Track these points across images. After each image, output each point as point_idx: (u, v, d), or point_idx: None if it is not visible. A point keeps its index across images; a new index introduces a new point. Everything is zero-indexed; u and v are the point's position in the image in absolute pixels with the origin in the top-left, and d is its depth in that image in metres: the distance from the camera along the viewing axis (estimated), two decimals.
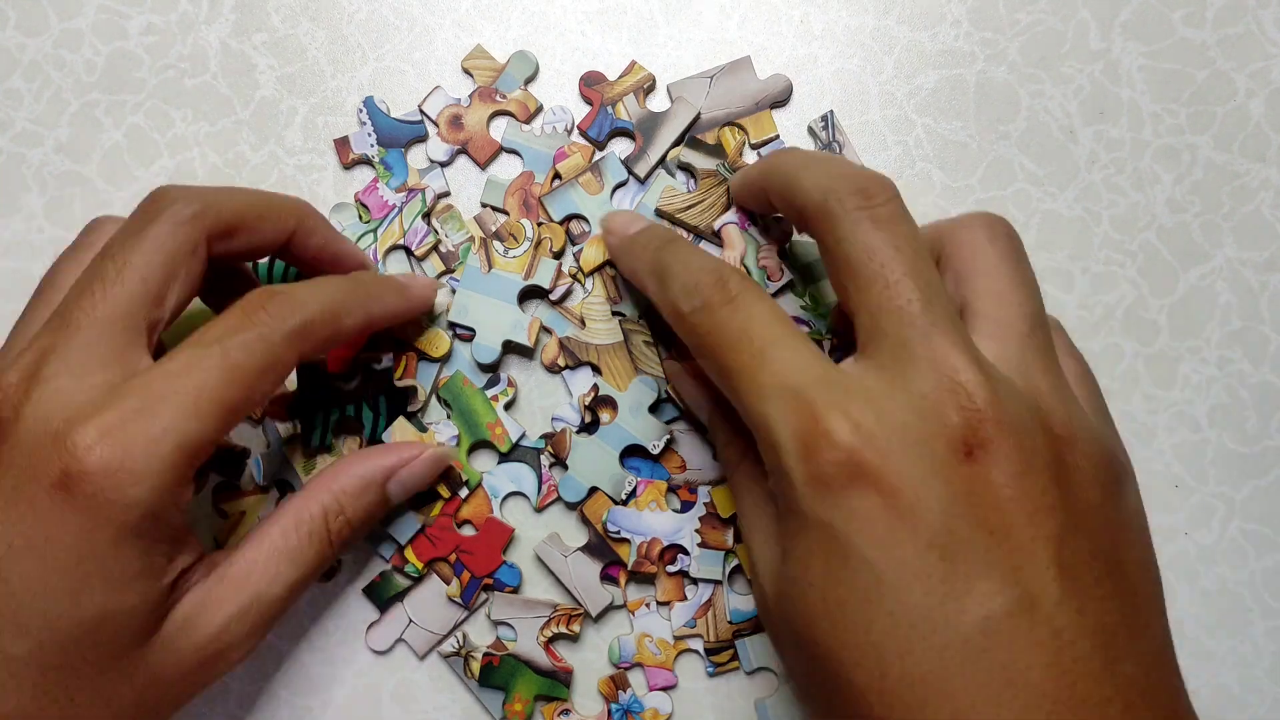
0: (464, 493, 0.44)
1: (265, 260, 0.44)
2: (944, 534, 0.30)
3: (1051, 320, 0.37)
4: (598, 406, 0.44)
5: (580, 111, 0.46)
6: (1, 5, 0.47)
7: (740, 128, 0.46)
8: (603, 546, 0.44)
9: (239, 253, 0.39)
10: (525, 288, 0.44)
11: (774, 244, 0.44)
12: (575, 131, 0.46)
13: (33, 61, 0.47)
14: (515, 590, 0.44)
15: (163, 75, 0.47)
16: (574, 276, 0.45)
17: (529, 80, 0.46)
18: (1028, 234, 0.46)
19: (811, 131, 0.46)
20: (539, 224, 0.45)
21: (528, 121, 0.46)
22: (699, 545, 0.43)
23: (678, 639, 0.43)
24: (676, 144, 0.46)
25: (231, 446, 0.44)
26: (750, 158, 0.46)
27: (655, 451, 0.43)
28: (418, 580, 0.44)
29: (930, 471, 0.30)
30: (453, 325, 0.44)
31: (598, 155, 0.46)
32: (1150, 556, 0.33)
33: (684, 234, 0.44)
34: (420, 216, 0.45)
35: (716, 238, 0.44)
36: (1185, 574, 0.44)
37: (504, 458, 0.44)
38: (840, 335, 0.44)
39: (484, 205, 0.46)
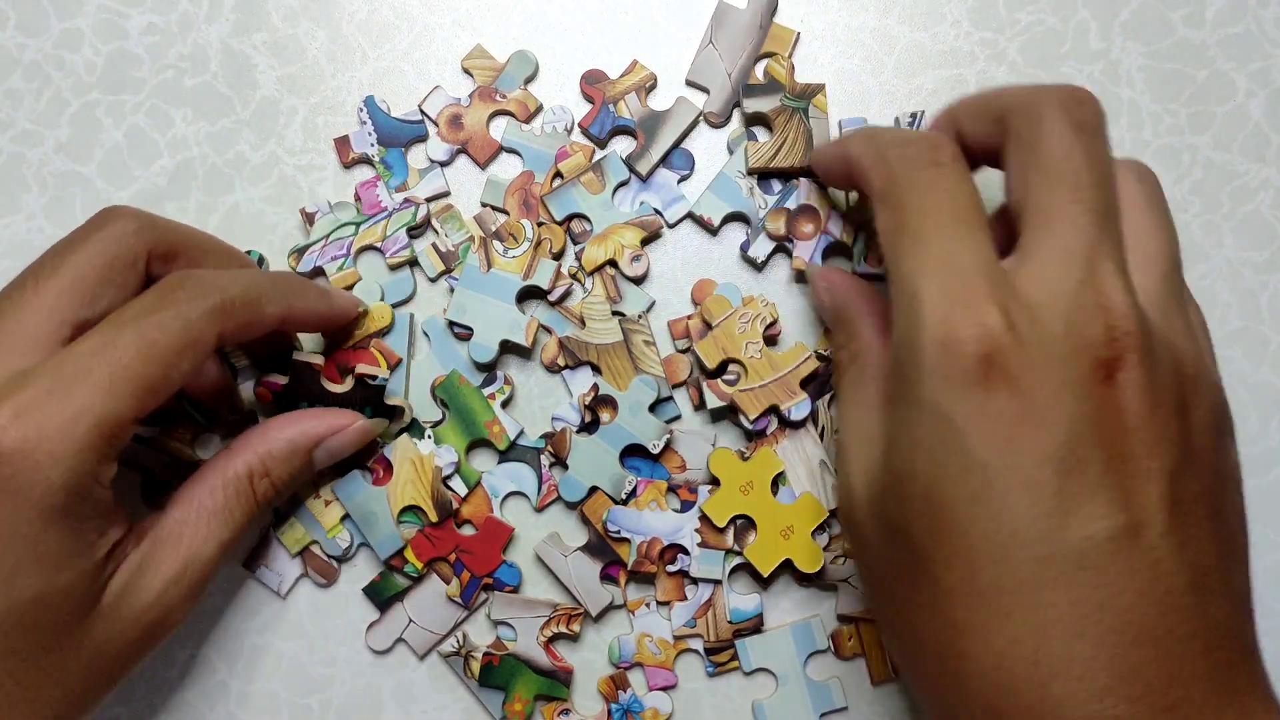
0: (464, 492, 0.44)
1: None
2: (1065, 449, 0.30)
3: None
4: (598, 406, 0.44)
5: (581, 111, 0.46)
6: (1, 5, 0.47)
7: (770, 54, 0.46)
8: (603, 546, 0.43)
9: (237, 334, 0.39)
10: (524, 288, 0.44)
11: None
12: (576, 131, 0.46)
13: (33, 61, 0.47)
14: (515, 590, 0.44)
15: (163, 75, 0.47)
16: (574, 276, 0.45)
17: (529, 80, 0.46)
18: None
19: (897, 124, 0.46)
20: (539, 224, 0.45)
21: (527, 121, 0.46)
22: (699, 545, 0.43)
23: (677, 639, 0.43)
24: (678, 143, 0.46)
25: (198, 461, 0.44)
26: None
27: (655, 451, 0.43)
28: (417, 580, 0.44)
29: (1067, 386, 0.30)
30: (451, 324, 0.44)
31: (598, 154, 0.46)
32: (1244, 510, 0.34)
33: (779, 184, 0.45)
34: (405, 228, 0.45)
35: (812, 175, 0.44)
36: None
37: (503, 457, 0.44)
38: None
39: (484, 205, 0.46)
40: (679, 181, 0.46)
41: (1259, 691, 0.31)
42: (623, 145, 0.46)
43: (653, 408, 0.44)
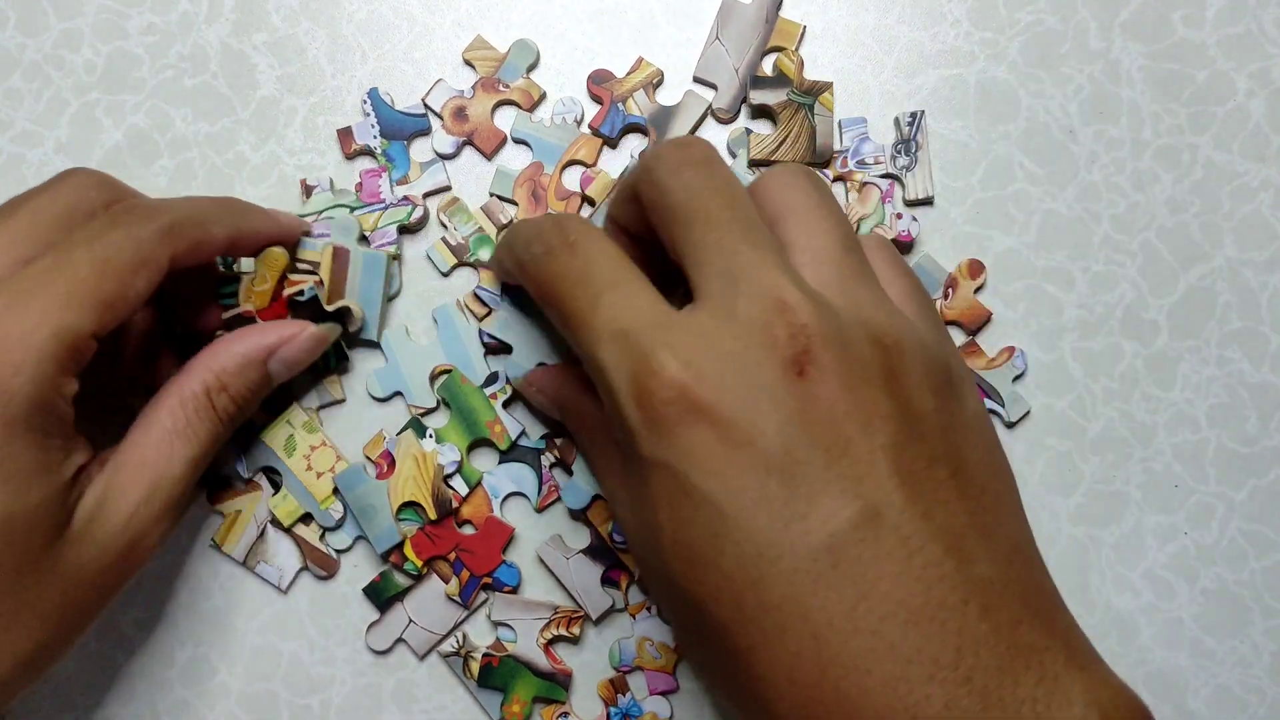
0: (464, 491, 0.44)
1: None
2: (781, 456, 0.30)
3: (877, 239, 0.38)
4: None
5: (588, 105, 0.46)
6: (1, 5, 0.47)
7: (778, 48, 0.46)
8: (605, 549, 0.43)
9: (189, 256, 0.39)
10: None
11: None
12: (585, 121, 0.46)
13: (33, 61, 0.47)
14: (514, 590, 0.44)
15: (163, 75, 0.47)
16: None
17: (531, 68, 0.46)
18: (1028, 234, 0.46)
19: (897, 123, 0.46)
20: None
21: (531, 110, 0.46)
22: None
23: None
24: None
25: None
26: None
27: None
28: (417, 580, 0.44)
29: (762, 396, 0.30)
30: (487, 335, 0.44)
31: (606, 153, 0.46)
32: (996, 458, 0.34)
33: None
34: (397, 225, 0.45)
35: (820, 166, 0.45)
36: (1185, 574, 0.44)
37: (504, 457, 0.44)
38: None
39: (492, 195, 0.46)
40: None
41: (1058, 642, 0.30)
42: (634, 144, 0.46)
43: None
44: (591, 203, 0.45)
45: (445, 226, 0.45)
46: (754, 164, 0.45)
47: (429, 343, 0.45)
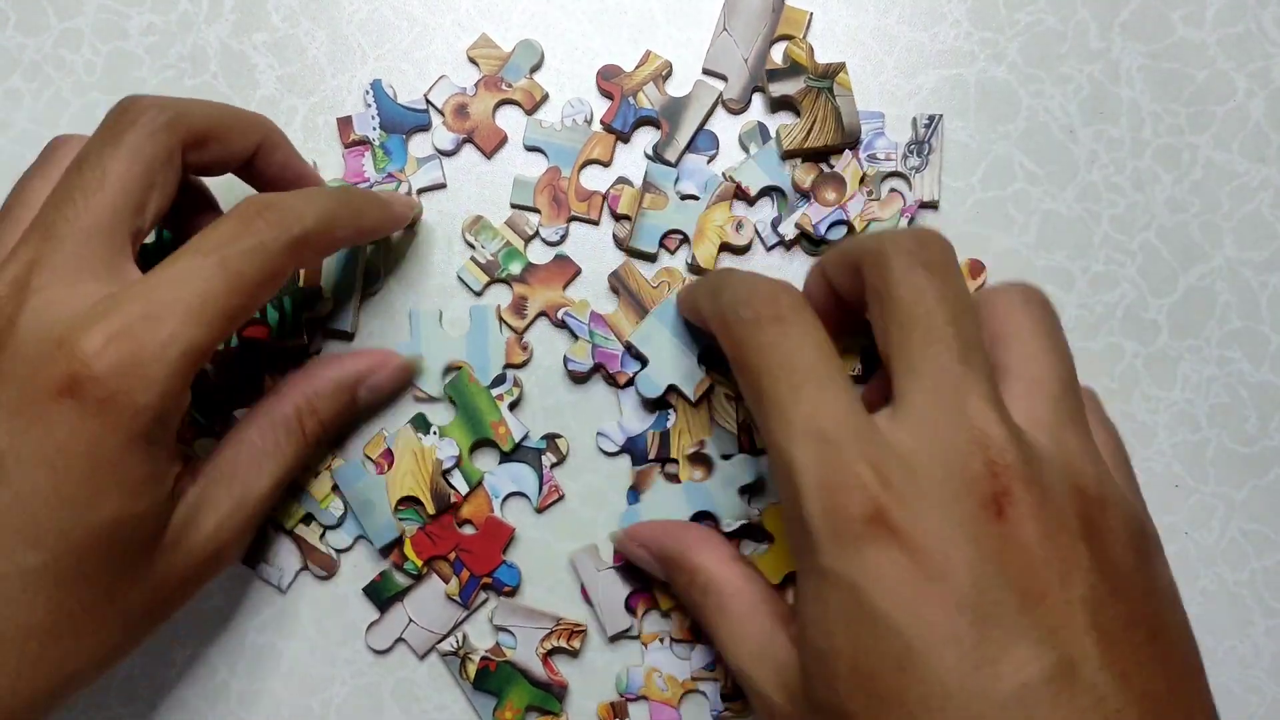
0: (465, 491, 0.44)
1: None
2: (974, 595, 0.29)
3: (1086, 391, 0.36)
4: (693, 460, 0.44)
5: (596, 102, 0.46)
6: (1, 5, 0.47)
7: (786, 36, 0.46)
8: (640, 572, 0.43)
9: (207, 165, 0.39)
10: (709, 345, 0.43)
11: None
12: (596, 120, 0.46)
13: (33, 61, 0.47)
14: (514, 590, 0.44)
15: (163, 75, 0.47)
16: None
17: (534, 69, 0.46)
18: (1028, 234, 0.46)
19: (914, 123, 0.46)
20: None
21: (533, 110, 0.46)
22: None
23: (694, 679, 0.43)
24: (702, 125, 0.46)
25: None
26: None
27: (727, 530, 0.42)
28: (417, 579, 0.44)
29: (959, 529, 0.29)
30: (629, 346, 0.44)
31: (619, 149, 0.46)
32: (1189, 628, 0.32)
33: (818, 171, 0.45)
34: None
35: (851, 145, 0.45)
36: (1185, 574, 0.44)
37: (505, 457, 0.44)
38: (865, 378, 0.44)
39: (514, 206, 0.46)
40: (708, 162, 0.46)
41: None
42: (646, 137, 0.46)
43: (744, 488, 0.43)
44: (628, 219, 0.45)
45: (473, 245, 0.45)
46: (788, 155, 0.45)
47: (456, 336, 0.45)
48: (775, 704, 0.34)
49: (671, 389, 0.43)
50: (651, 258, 0.45)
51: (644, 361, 0.44)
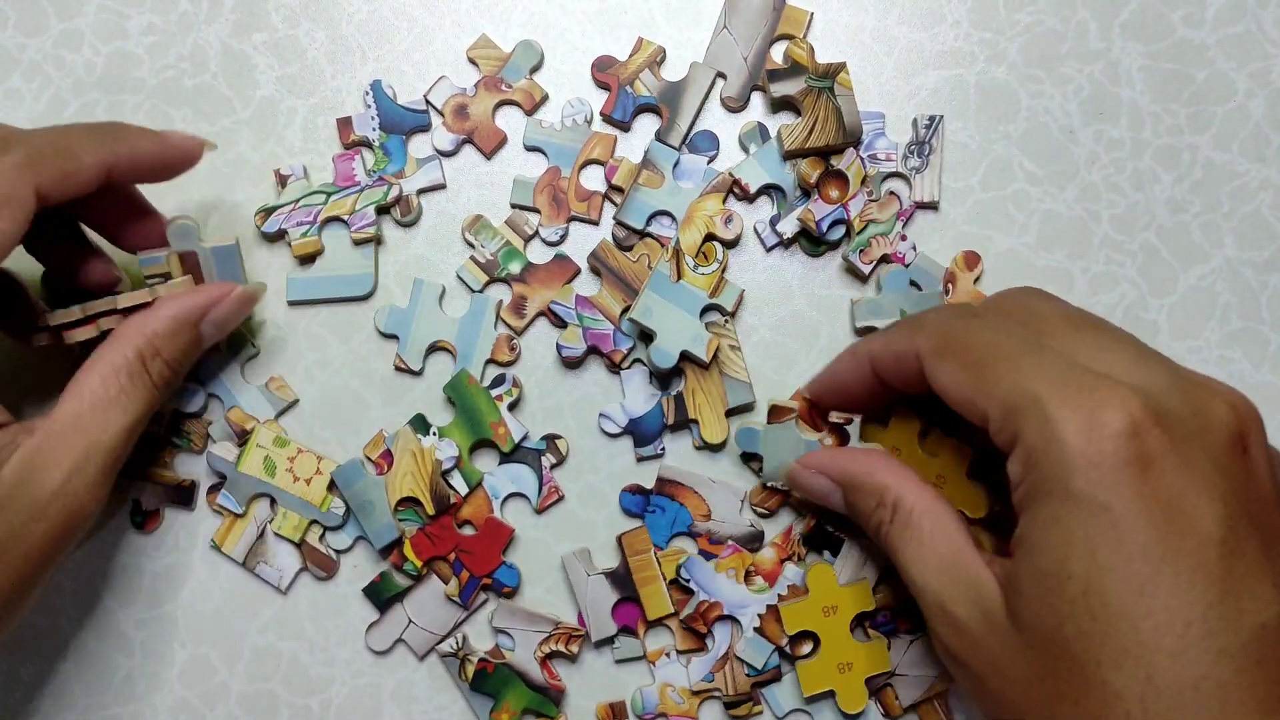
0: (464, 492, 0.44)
1: None
2: (1223, 528, 0.29)
3: None
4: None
5: (595, 100, 0.46)
6: (1, 5, 0.47)
7: (786, 35, 0.46)
8: (627, 578, 0.43)
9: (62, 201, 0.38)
10: (707, 304, 0.44)
11: None
12: (596, 119, 0.46)
13: (33, 61, 0.47)
14: (514, 591, 0.44)
15: (163, 75, 0.47)
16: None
17: (534, 69, 0.46)
18: (1028, 234, 0.46)
19: (914, 124, 0.46)
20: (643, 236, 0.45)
21: (533, 111, 0.46)
22: (755, 630, 0.43)
23: (694, 692, 0.43)
24: (701, 108, 0.46)
25: (179, 483, 0.45)
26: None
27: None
28: (417, 580, 0.44)
29: (1211, 461, 0.30)
30: (634, 322, 0.44)
31: (621, 137, 0.46)
32: None
33: (816, 169, 0.45)
34: (374, 206, 0.45)
35: (853, 145, 0.45)
36: None
37: (505, 458, 0.44)
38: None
39: (514, 206, 0.46)
40: (709, 163, 0.46)
41: None
42: (646, 124, 0.46)
43: (735, 415, 0.44)
44: (620, 191, 0.45)
45: (472, 245, 0.45)
46: (789, 155, 0.45)
47: (453, 316, 0.45)
48: (963, 621, 0.34)
49: (683, 354, 0.43)
50: (639, 234, 0.45)
51: (650, 336, 0.44)
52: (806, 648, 0.43)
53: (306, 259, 0.45)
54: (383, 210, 0.45)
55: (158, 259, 0.42)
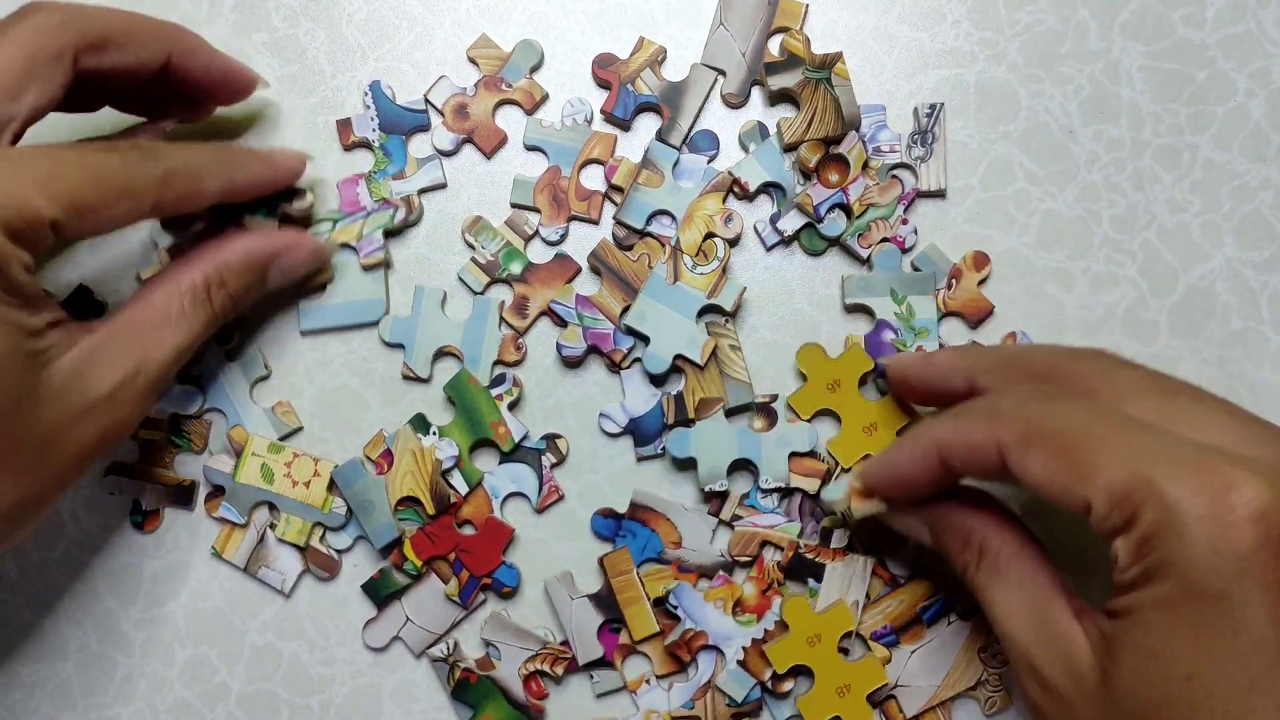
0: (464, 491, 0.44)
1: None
2: None
3: None
4: (700, 408, 0.44)
5: (594, 99, 0.46)
6: (2, 4, 0.47)
7: (783, 29, 0.46)
8: (610, 600, 0.43)
9: (111, 70, 0.39)
10: (706, 305, 0.44)
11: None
12: (596, 119, 0.46)
13: None
14: (514, 590, 0.44)
15: None
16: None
17: (534, 69, 0.46)
18: (1028, 234, 0.46)
19: (915, 113, 0.46)
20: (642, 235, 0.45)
21: (533, 110, 0.46)
22: (739, 663, 0.43)
23: (677, 719, 0.43)
24: (701, 109, 0.46)
25: (179, 483, 0.45)
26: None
27: (708, 487, 0.43)
28: (416, 579, 0.44)
29: None
30: (630, 330, 0.44)
31: (621, 137, 0.46)
32: None
33: (815, 157, 0.45)
34: (381, 230, 0.45)
35: (853, 129, 0.45)
36: None
37: (505, 457, 0.44)
38: None
39: (513, 205, 0.46)
40: (709, 162, 0.46)
41: None
42: (647, 123, 0.46)
43: (735, 415, 0.44)
44: (620, 190, 0.45)
45: (472, 246, 0.45)
46: (789, 148, 0.45)
47: (456, 321, 0.45)
48: (1054, 682, 0.33)
49: (677, 357, 0.44)
50: (639, 234, 0.45)
51: (645, 339, 0.44)
52: (787, 686, 0.43)
53: (316, 287, 0.45)
54: (390, 234, 0.45)
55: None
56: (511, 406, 0.44)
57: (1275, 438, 0.32)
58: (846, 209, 0.45)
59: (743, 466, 0.44)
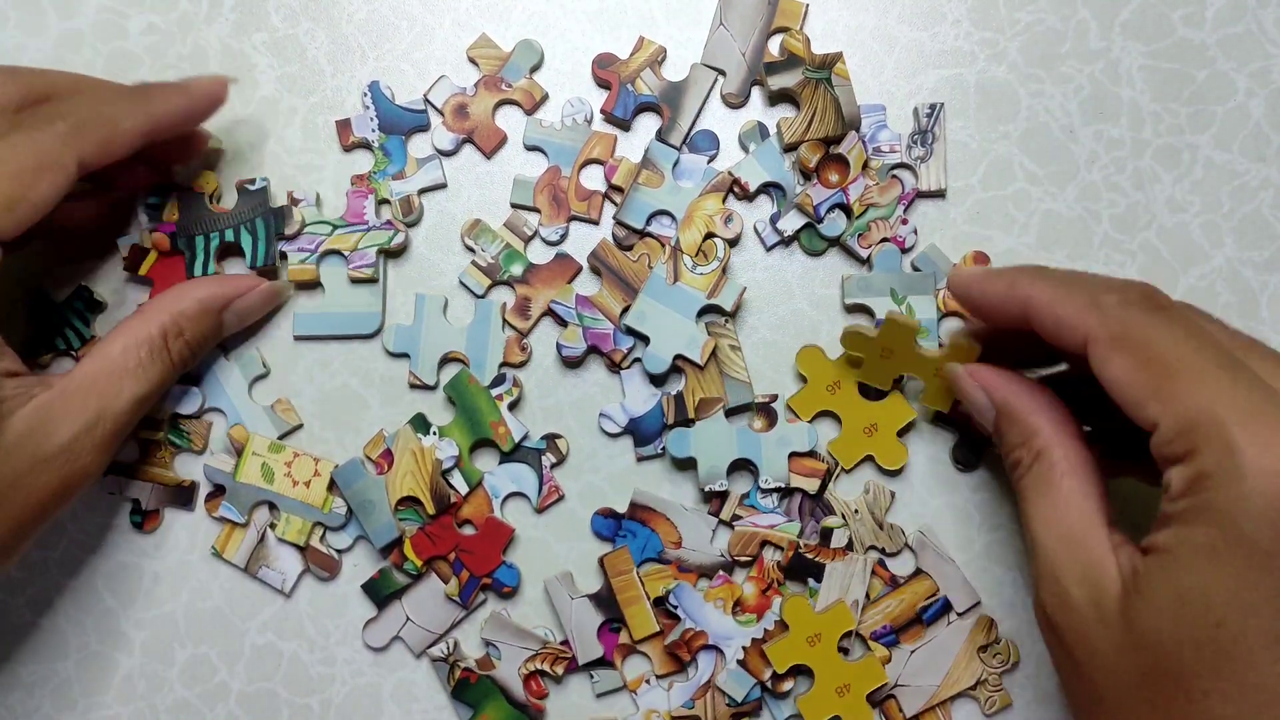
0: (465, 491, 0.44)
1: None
2: None
3: None
4: (701, 408, 0.44)
5: (594, 99, 0.46)
6: (2, 5, 0.47)
7: (783, 29, 0.46)
8: (610, 600, 0.43)
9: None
10: (706, 305, 0.44)
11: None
12: (596, 119, 0.46)
13: (33, 61, 0.47)
14: (514, 590, 0.44)
15: (163, 75, 0.47)
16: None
17: (534, 69, 0.46)
18: (1028, 234, 0.46)
19: (915, 113, 0.46)
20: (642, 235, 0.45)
21: (533, 110, 0.46)
22: (738, 662, 0.43)
23: (677, 719, 0.43)
24: (701, 109, 0.46)
25: (179, 483, 0.45)
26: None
27: (707, 486, 0.43)
28: (416, 579, 0.44)
29: None
30: (630, 330, 0.44)
31: (621, 137, 0.46)
32: None
33: (815, 156, 0.45)
34: (377, 248, 0.45)
35: (853, 130, 0.45)
36: None
37: (505, 457, 0.44)
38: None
39: (514, 206, 0.46)
40: (709, 162, 0.46)
41: None
42: (647, 123, 0.46)
43: (734, 415, 0.44)
44: (620, 190, 0.45)
45: (472, 250, 0.45)
46: (789, 148, 0.45)
47: (459, 327, 0.45)
48: (1073, 599, 0.33)
49: (677, 357, 0.44)
50: (638, 234, 0.45)
51: (645, 339, 0.44)
52: (787, 685, 0.43)
53: (302, 286, 0.45)
54: (385, 253, 0.45)
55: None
56: (511, 406, 0.44)
57: None
58: (846, 209, 0.45)
59: (742, 466, 0.44)
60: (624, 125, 0.46)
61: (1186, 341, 0.32)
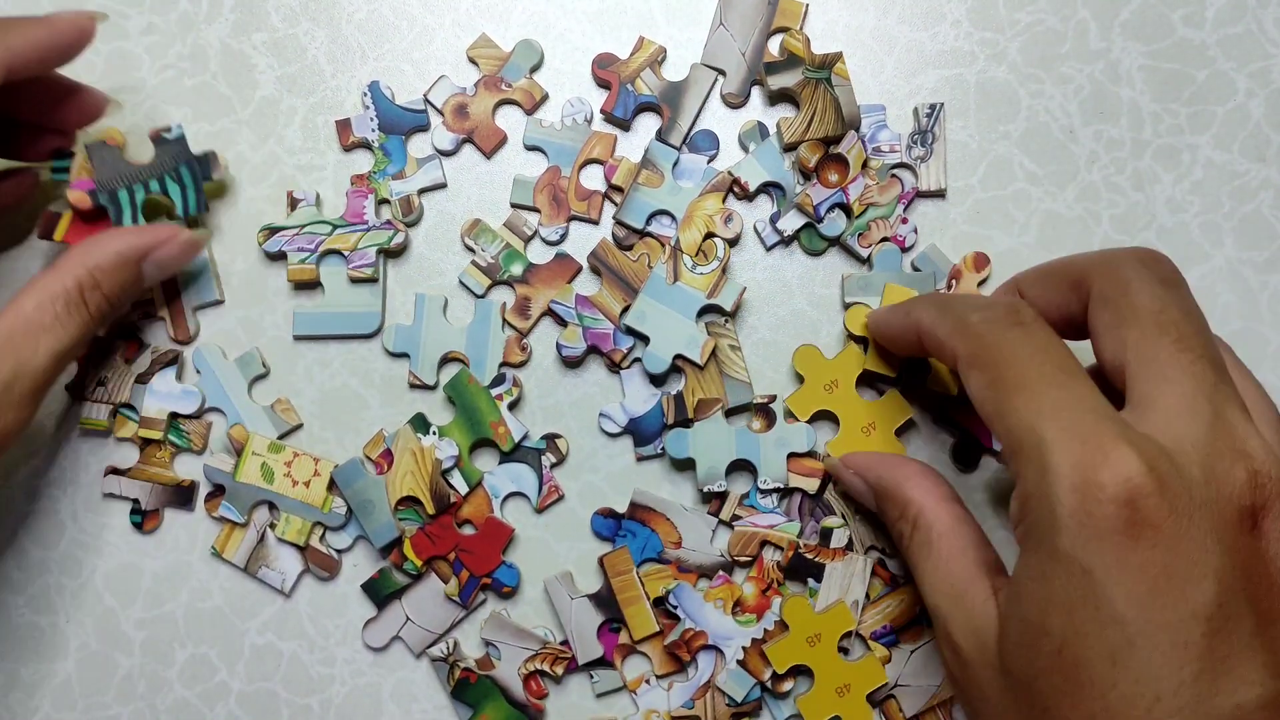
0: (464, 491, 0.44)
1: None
2: (1214, 605, 0.28)
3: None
4: (700, 409, 0.44)
5: (594, 99, 0.46)
6: (1, 5, 0.47)
7: (783, 29, 0.46)
8: (610, 600, 0.43)
9: None
10: (706, 305, 0.44)
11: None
12: (596, 119, 0.46)
13: None
14: (513, 590, 0.44)
15: (162, 75, 0.47)
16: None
17: (534, 69, 0.46)
18: (1028, 234, 0.46)
19: (915, 113, 0.46)
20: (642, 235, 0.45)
21: (533, 110, 0.46)
22: (738, 662, 0.43)
23: (673, 717, 0.43)
24: (701, 109, 0.46)
25: (179, 483, 0.45)
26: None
27: (706, 488, 0.43)
28: (416, 579, 0.44)
29: (1212, 535, 0.29)
30: (630, 330, 0.44)
31: (622, 138, 0.46)
32: None
33: (815, 155, 0.45)
34: (377, 248, 0.45)
35: (853, 129, 0.45)
36: None
37: (505, 457, 0.44)
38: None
39: (513, 205, 0.46)
40: (709, 162, 0.46)
41: None
42: (646, 123, 0.46)
43: (734, 415, 0.44)
44: (620, 190, 0.45)
45: (472, 250, 0.45)
46: (789, 148, 0.45)
47: (459, 327, 0.45)
48: (963, 650, 0.34)
49: (677, 357, 0.44)
50: (638, 234, 0.45)
51: (645, 339, 0.44)
52: (787, 685, 0.43)
53: (301, 285, 0.45)
54: (385, 253, 0.45)
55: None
56: (511, 406, 0.44)
57: (1211, 418, 0.31)
58: (846, 209, 0.45)
59: (742, 467, 0.44)
60: (624, 125, 0.46)
61: (1030, 358, 0.32)
